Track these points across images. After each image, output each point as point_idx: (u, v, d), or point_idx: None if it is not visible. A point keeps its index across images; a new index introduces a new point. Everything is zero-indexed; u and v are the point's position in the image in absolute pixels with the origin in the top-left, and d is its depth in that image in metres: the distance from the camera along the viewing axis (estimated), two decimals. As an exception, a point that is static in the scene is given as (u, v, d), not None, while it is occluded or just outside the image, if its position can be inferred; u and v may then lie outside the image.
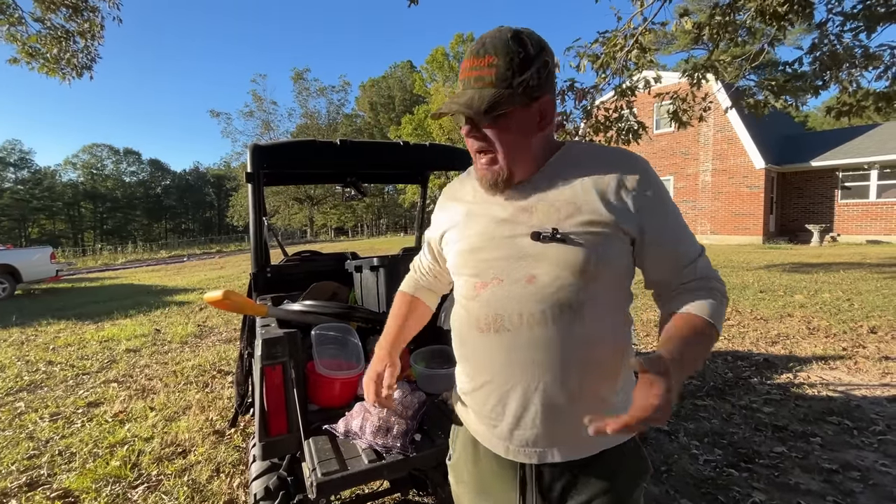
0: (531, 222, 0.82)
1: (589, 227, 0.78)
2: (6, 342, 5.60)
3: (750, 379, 3.45)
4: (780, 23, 4.81)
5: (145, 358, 4.78)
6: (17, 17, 5.47)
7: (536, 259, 0.80)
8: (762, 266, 9.27)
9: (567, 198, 0.81)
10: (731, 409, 2.96)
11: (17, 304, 8.74)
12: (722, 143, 14.93)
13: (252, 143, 2.07)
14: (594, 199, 0.79)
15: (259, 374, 1.23)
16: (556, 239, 0.79)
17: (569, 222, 0.79)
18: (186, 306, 7.77)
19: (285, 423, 1.24)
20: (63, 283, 11.95)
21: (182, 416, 3.25)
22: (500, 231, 0.85)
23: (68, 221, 54.62)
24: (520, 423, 0.84)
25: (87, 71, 5.74)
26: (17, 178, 51.16)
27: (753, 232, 14.49)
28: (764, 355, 3.98)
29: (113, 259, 23.11)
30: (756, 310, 5.61)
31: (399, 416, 1.17)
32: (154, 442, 2.84)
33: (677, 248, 0.83)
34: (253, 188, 2.11)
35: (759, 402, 3.04)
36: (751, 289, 6.87)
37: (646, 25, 5.59)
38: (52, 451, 2.79)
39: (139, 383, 4.00)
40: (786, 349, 4.15)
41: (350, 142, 2.27)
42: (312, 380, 1.33)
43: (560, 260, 0.78)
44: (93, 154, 56.26)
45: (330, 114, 40.08)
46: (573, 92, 6.29)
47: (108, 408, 3.46)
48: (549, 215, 0.81)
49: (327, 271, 2.35)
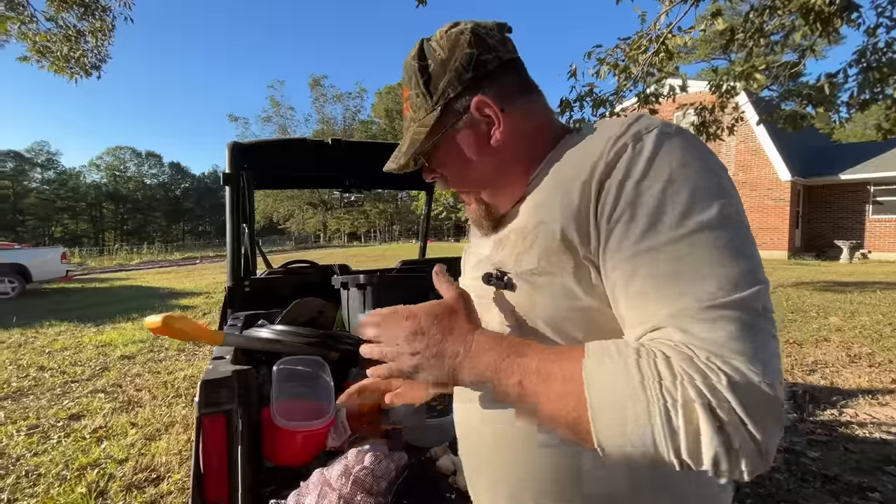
0: (495, 258, 0.60)
1: (542, 261, 0.52)
2: (3, 344, 5.49)
3: (789, 414, 3.08)
4: (826, 26, 4.43)
5: (138, 366, 4.59)
6: (27, 14, 5.43)
7: (483, 309, 0.59)
8: (790, 283, 8.78)
9: (539, 216, 0.55)
10: (770, 451, 2.60)
11: (25, 303, 8.72)
12: (745, 154, 14.42)
13: (231, 142, 1.84)
14: (556, 208, 0.52)
15: (196, 424, 0.97)
16: (504, 283, 0.56)
17: (527, 257, 0.54)
18: (189, 311, 7.64)
19: (226, 489, 0.98)
20: (73, 284, 11.99)
21: (164, 434, 3.03)
22: (472, 274, 0.67)
23: (90, 221, 55.97)
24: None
25: (96, 70, 5.67)
26: (43, 179, 52.77)
27: (778, 247, 13.90)
28: (802, 386, 3.60)
29: (128, 259, 23.40)
30: (787, 333, 5.20)
31: (367, 491, 0.90)
32: (128, 465, 2.61)
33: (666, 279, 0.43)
34: (231, 191, 1.87)
35: (801, 443, 2.68)
36: (779, 309, 6.43)
37: (672, 28, 5.27)
38: (20, 470, 2.58)
39: (127, 394, 3.79)
40: (826, 379, 3.76)
41: (344, 142, 2.03)
42: (268, 431, 1.06)
43: (507, 311, 0.57)
44: (116, 156, 57.73)
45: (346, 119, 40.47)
46: (591, 98, 5.98)
47: (89, 421, 3.25)
48: (515, 247, 0.57)
49: (315, 285, 2.09)
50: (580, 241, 0.49)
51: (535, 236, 0.54)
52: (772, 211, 13.99)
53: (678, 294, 0.42)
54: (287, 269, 2.32)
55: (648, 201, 0.45)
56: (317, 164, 2.13)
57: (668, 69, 5.45)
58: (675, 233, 0.43)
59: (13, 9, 5.43)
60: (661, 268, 0.43)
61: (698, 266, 0.42)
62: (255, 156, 1.92)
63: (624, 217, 0.46)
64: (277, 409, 1.05)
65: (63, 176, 53.92)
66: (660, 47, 5.17)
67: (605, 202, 0.47)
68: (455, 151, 0.61)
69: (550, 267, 0.51)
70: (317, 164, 2.13)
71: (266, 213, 40.03)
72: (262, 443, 1.07)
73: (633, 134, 0.49)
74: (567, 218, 0.50)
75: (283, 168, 2.13)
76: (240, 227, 1.92)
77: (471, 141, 0.59)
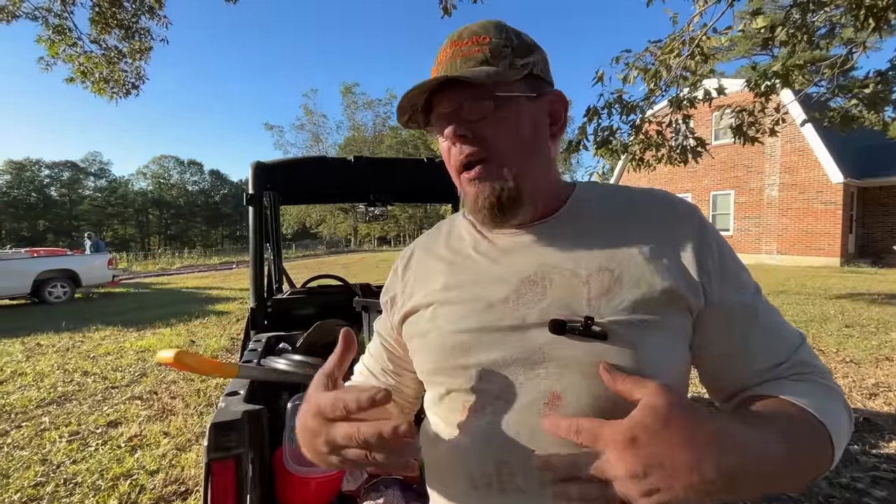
0: (544, 303, 0.52)
1: (638, 310, 0.50)
2: (53, 348, 5.80)
3: (849, 446, 2.81)
4: (879, 22, 4.09)
5: (174, 373, 4.73)
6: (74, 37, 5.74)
7: (561, 367, 0.50)
8: (844, 294, 8.17)
9: (596, 265, 0.53)
10: (828, 488, 2.37)
11: (75, 307, 9.23)
12: (791, 156, 13.63)
13: (254, 162, 1.83)
14: (638, 262, 0.52)
15: (205, 470, 0.93)
16: (591, 332, 0.49)
17: (607, 305, 0.51)
18: (224, 316, 7.86)
19: (236, 538, 0.94)
20: (119, 288, 12.62)
21: (194, 444, 3.08)
22: (496, 316, 0.54)
23: (137, 227, 59.17)
24: None
25: (135, 91, 5.94)
26: (95, 187, 56.20)
27: (829, 253, 13.03)
28: (862, 412, 3.29)
29: (170, 264, 24.49)
30: (843, 349, 4.81)
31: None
32: (158, 477, 2.66)
33: (766, 321, 0.55)
34: (254, 212, 1.86)
35: (865, 480, 2.43)
36: (833, 322, 5.97)
37: (706, 31, 4.99)
38: (59, 478, 2.67)
39: (161, 402, 3.90)
40: (889, 404, 3.43)
41: (365, 158, 1.99)
42: (281, 475, 1.01)
43: (598, 368, 0.48)
44: (161, 165, 60.86)
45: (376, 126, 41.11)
46: (620, 105, 5.75)
47: (125, 429, 3.35)
48: (572, 292, 0.52)
49: (337, 305, 2.06)
50: (671, 282, 0.52)
51: (607, 280, 0.52)
52: (822, 215, 13.13)
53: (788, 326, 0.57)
54: (309, 290, 2.30)
55: (735, 256, 0.57)
56: (340, 180, 2.10)
57: (702, 72, 5.17)
58: (757, 287, 0.58)
59: (61, 33, 5.75)
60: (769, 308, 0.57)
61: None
62: (278, 175, 1.91)
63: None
64: (290, 454, 1.00)
65: (113, 184, 57.29)
66: (693, 49, 4.91)
67: (699, 251, 0.54)
68: (515, 116, 0.55)
69: (643, 310, 0.51)
70: (340, 180, 2.10)
71: (299, 218, 41.13)
72: (276, 486, 1.03)
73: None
74: (656, 263, 0.53)
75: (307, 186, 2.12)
76: (262, 247, 1.90)
77: (536, 121, 0.57)
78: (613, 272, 0.52)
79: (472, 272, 0.59)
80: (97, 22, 5.68)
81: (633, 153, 6.12)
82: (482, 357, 0.54)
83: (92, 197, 54.76)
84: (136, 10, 6.14)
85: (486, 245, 0.61)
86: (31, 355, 5.47)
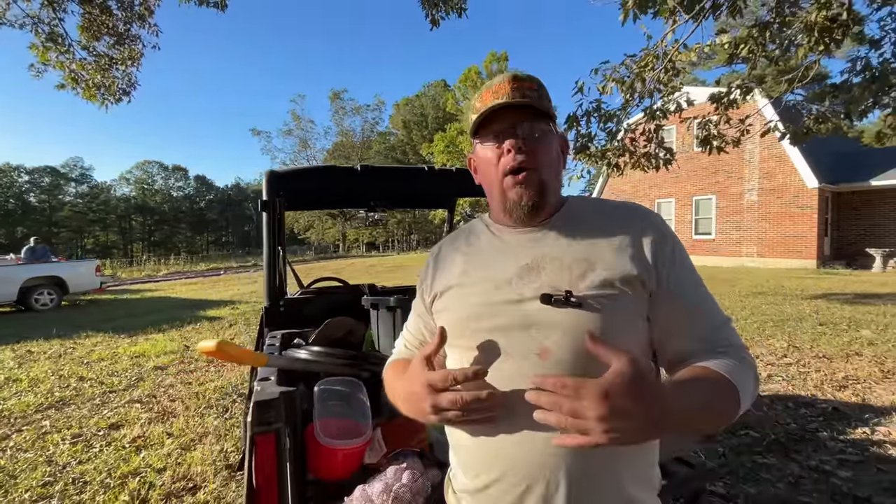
0: (538, 283, 0.71)
1: (605, 287, 0.69)
2: (45, 355, 5.78)
3: (818, 432, 3.02)
4: (826, 40, 4.40)
5: (171, 377, 4.77)
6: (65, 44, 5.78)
7: (548, 328, 0.69)
8: (819, 294, 8.53)
9: (578, 255, 0.72)
10: (798, 470, 2.57)
11: (63, 314, 9.13)
12: (769, 161, 14.13)
13: (268, 171, 1.97)
14: (608, 253, 0.72)
15: (248, 443, 1.06)
16: (570, 303, 0.68)
17: (583, 283, 0.70)
18: (217, 322, 7.87)
19: (276, 502, 1.07)
20: (106, 295, 12.48)
21: (198, 444, 3.16)
22: (501, 294, 0.73)
23: (120, 233, 58.01)
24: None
25: (126, 97, 5.99)
26: (76, 192, 54.99)
27: (806, 255, 13.51)
28: (832, 402, 3.52)
29: (156, 270, 24.14)
30: (817, 346, 5.07)
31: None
32: (166, 474, 2.74)
33: (702, 306, 0.74)
34: (268, 217, 1.99)
35: (832, 463, 2.63)
36: (808, 321, 6.27)
37: (678, 47, 5.28)
38: (67, 478, 2.74)
39: (161, 405, 3.96)
40: (857, 396, 3.67)
41: (370, 167, 2.14)
42: (312, 447, 1.15)
43: (577, 328, 0.67)
44: (145, 170, 59.82)
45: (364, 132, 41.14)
46: (598, 113, 6.02)
47: (127, 431, 3.41)
48: (559, 275, 0.71)
49: (345, 305, 2.19)
50: (630, 267, 0.71)
51: (584, 267, 0.71)
52: (798, 218, 13.63)
53: (719, 308, 0.76)
54: (319, 290, 2.43)
55: (686, 255, 0.78)
56: (346, 187, 2.24)
57: (673, 85, 5.47)
58: (701, 280, 0.77)
59: (53, 40, 5.79)
60: (707, 294, 0.77)
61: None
62: (288, 183, 2.04)
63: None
64: (321, 427, 1.14)
65: (95, 190, 56.12)
66: (666, 64, 5.19)
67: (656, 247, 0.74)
68: (548, 145, 0.76)
69: (609, 288, 0.69)
70: (346, 187, 2.24)
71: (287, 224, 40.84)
72: (307, 457, 1.16)
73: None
74: (620, 253, 0.72)
75: (315, 193, 2.25)
76: (276, 249, 2.03)
77: (558, 150, 0.79)
78: (589, 260, 0.71)
79: (484, 261, 0.78)
80: (87, 29, 5.73)
81: (608, 159, 6.39)
82: (489, 323, 0.72)
83: (73, 203, 53.60)
84: (126, 18, 6.21)
85: (497, 241, 0.80)
86: (22, 362, 5.45)
